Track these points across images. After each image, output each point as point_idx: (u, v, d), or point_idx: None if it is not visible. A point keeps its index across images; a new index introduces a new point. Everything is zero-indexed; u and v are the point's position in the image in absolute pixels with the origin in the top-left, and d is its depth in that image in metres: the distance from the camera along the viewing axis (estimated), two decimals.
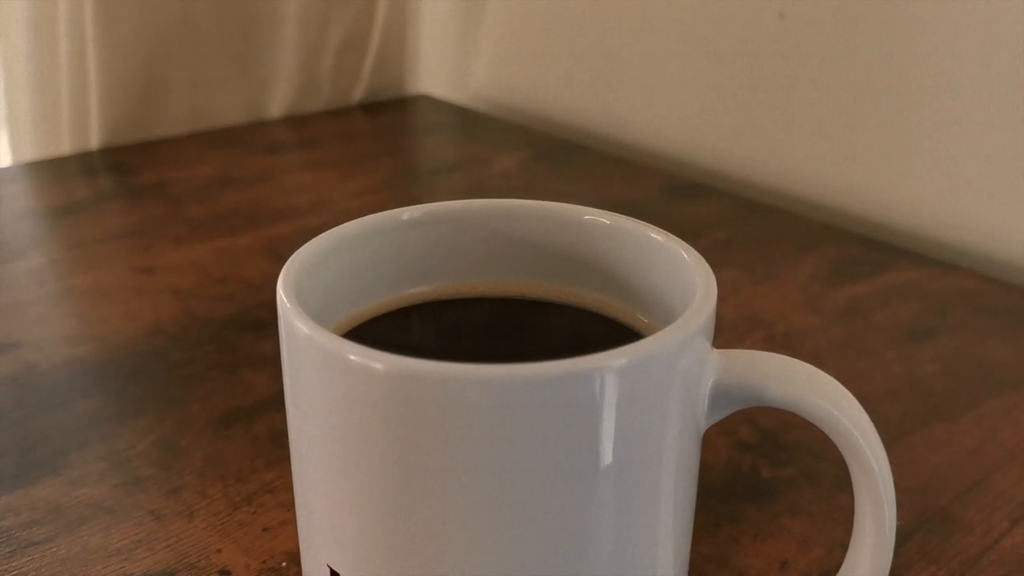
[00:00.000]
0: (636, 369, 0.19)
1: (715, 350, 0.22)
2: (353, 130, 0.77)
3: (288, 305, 0.21)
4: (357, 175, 0.65)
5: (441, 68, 0.86)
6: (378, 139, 0.76)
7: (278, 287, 0.22)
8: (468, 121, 0.80)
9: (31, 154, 0.71)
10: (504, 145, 0.71)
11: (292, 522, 0.32)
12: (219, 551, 0.31)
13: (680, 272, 0.23)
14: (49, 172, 0.66)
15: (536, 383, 0.18)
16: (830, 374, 0.22)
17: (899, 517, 0.31)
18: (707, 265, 0.22)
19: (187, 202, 0.60)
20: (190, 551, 0.31)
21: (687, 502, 0.22)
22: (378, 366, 0.19)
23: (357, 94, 0.82)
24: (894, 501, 0.22)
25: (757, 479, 0.34)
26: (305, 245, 0.23)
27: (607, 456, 0.19)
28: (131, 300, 0.47)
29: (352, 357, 0.19)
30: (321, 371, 0.20)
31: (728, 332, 0.44)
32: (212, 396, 0.39)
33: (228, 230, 0.55)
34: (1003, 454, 0.36)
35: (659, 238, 0.24)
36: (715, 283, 0.22)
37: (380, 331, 0.24)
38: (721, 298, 0.22)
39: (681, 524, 0.22)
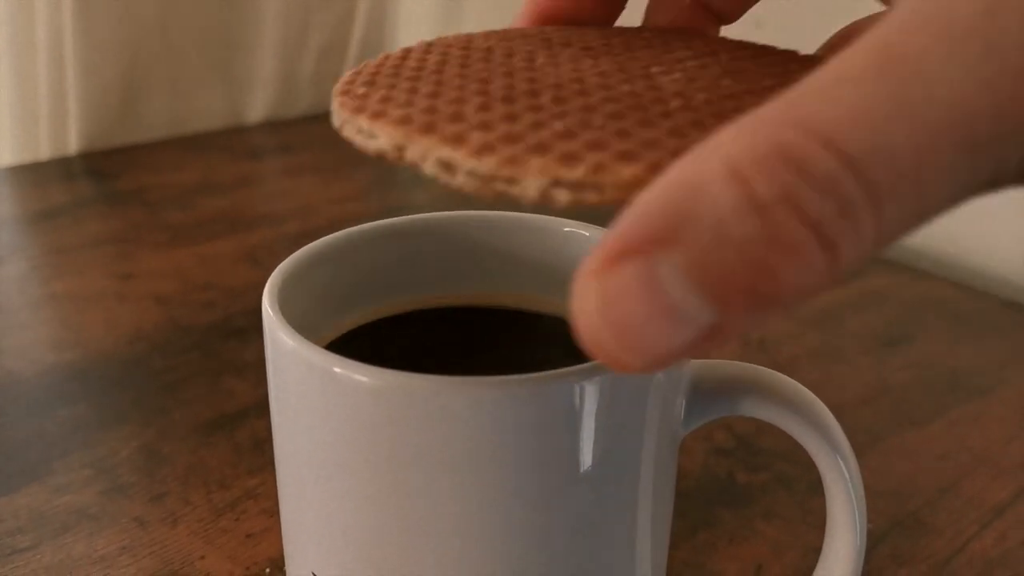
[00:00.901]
0: (614, 380, 0.20)
1: (691, 361, 0.22)
2: (333, 135, 0.77)
3: (273, 316, 0.21)
4: (337, 180, 0.65)
5: None
6: None
7: (263, 298, 0.22)
8: None
9: (9, 159, 0.71)
10: None
11: (275, 529, 0.32)
12: (203, 558, 0.31)
13: None
14: (27, 177, 0.66)
15: (517, 395, 0.19)
16: (805, 380, 0.23)
17: (871, 521, 0.32)
18: None
19: (167, 208, 0.60)
20: (174, 558, 0.31)
21: (664, 509, 0.23)
22: (363, 379, 0.19)
23: None
24: (865, 510, 0.23)
25: (732, 484, 0.35)
26: (290, 257, 0.24)
27: (586, 465, 0.20)
28: (112, 306, 0.47)
29: (337, 370, 0.19)
30: (306, 383, 0.20)
31: None
32: (194, 403, 0.39)
33: (209, 236, 0.56)
34: (972, 460, 0.37)
35: None
36: None
37: (364, 341, 0.25)
38: None
39: (658, 531, 0.23)
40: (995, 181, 0.13)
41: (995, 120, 0.12)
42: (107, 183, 0.65)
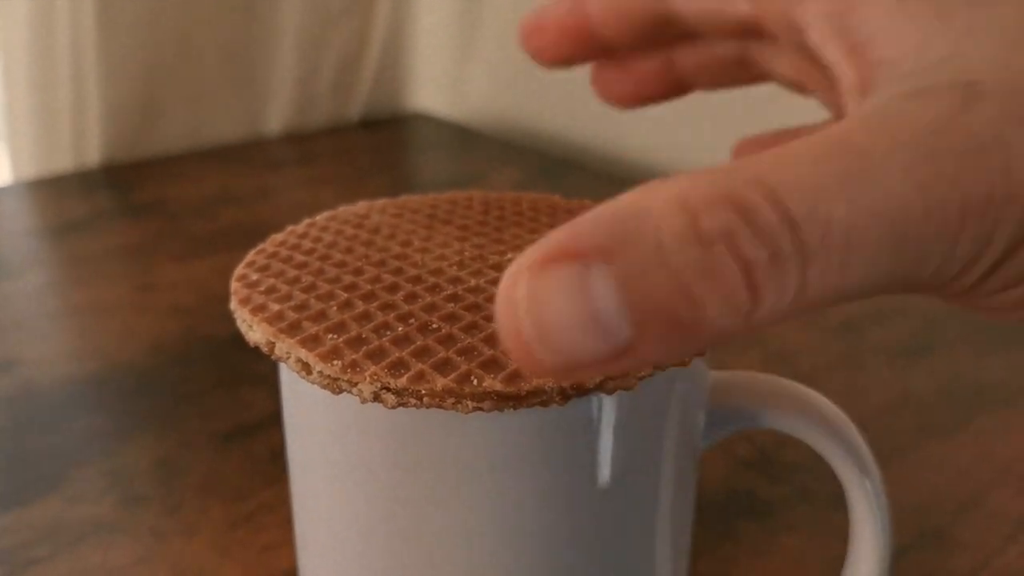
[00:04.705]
0: (633, 392, 0.19)
1: (712, 372, 0.22)
2: (351, 147, 0.78)
3: None
4: (355, 192, 0.65)
5: (438, 86, 0.86)
6: (376, 156, 0.76)
7: None
8: (465, 139, 0.80)
9: (31, 171, 0.71)
10: (501, 163, 0.72)
11: (291, 541, 0.32)
12: (219, 570, 0.31)
13: None
14: (49, 189, 0.66)
15: (536, 411, 0.19)
16: (826, 391, 0.22)
17: (894, 535, 0.31)
18: None
19: (187, 219, 0.60)
20: (189, 569, 0.31)
21: (684, 522, 0.23)
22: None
23: (355, 112, 0.82)
24: (890, 525, 0.22)
25: (754, 497, 0.35)
26: None
27: (605, 478, 0.20)
28: (131, 318, 0.47)
29: None
30: (320, 400, 0.20)
31: (724, 349, 0.45)
32: (212, 414, 0.39)
33: (228, 247, 0.56)
34: (996, 472, 0.36)
35: None
36: None
37: None
38: None
39: (679, 544, 0.23)
40: (910, 281, 0.14)
41: (923, 219, 0.14)
42: (127, 195, 0.65)
